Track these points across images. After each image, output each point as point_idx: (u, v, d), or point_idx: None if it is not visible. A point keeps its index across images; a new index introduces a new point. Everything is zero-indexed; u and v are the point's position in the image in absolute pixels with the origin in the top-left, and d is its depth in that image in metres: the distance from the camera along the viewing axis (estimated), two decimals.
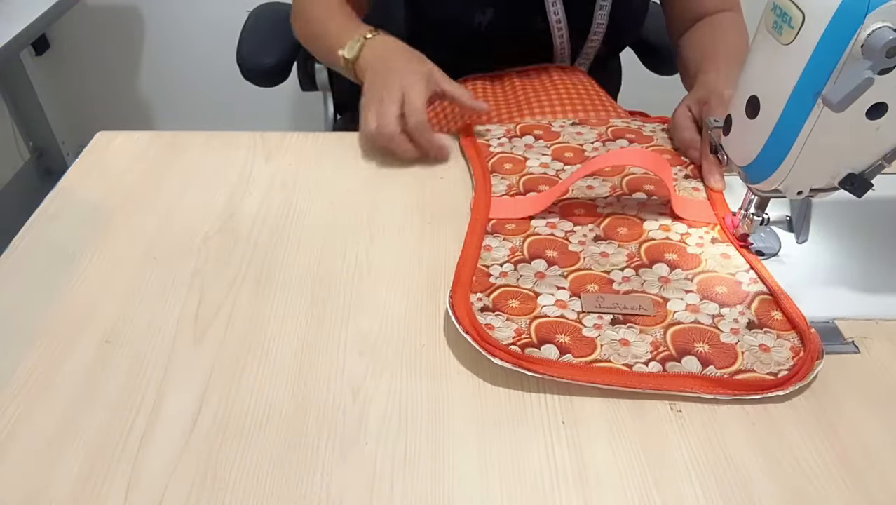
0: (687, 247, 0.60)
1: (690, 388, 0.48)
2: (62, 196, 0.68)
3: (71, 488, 0.43)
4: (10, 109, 1.79)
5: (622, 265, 0.58)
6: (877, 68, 0.43)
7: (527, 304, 0.54)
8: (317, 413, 0.47)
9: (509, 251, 0.60)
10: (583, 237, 0.62)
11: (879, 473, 0.44)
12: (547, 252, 0.60)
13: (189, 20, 1.79)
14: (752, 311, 0.54)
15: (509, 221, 0.64)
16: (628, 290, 0.56)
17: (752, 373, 0.49)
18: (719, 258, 0.59)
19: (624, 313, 0.53)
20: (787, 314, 0.53)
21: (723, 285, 0.56)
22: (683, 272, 0.57)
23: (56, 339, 0.53)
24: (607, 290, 0.56)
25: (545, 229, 0.63)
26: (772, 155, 0.51)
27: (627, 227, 0.63)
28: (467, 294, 0.55)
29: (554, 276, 0.57)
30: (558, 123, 0.77)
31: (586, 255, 0.60)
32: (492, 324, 0.52)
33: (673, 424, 0.47)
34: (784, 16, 0.46)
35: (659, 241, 0.61)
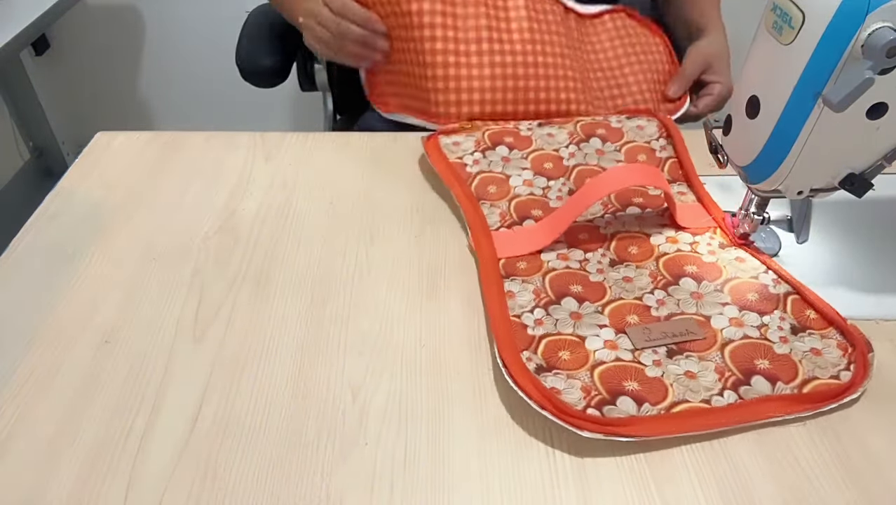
0: (701, 256, 0.59)
1: (774, 413, 0.46)
2: (62, 196, 0.68)
3: (71, 488, 0.43)
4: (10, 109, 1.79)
5: (650, 287, 0.56)
6: (877, 68, 0.43)
7: (578, 352, 0.50)
8: (317, 413, 0.47)
9: (533, 294, 0.55)
10: (599, 264, 0.59)
11: (879, 473, 0.44)
12: (572, 288, 0.56)
13: (189, 20, 1.79)
14: (789, 314, 0.53)
15: (519, 259, 0.59)
16: (668, 314, 0.54)
17: (817, 381, 0.48)
18: (736, 263, 0.58)
19: (675, 342, 0.51)
20: (821, 311, 0.53)
21: (753, 291, 0.55)
22: (711, 284, 0.56)
23: (56, 339, 0.53)
24: (648, 318, 0.53)
25: (558, 262, 0.59)
26: (772, 155, 0.51)
27: (637, 245, 0.60)
28: (518, 355, 0.49)
29: (590, 313, 0.54)
30: (525, 126, 0.74)
31: (610, 283, 0.57)
32: (557, 387, 0.47)
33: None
34: (784, 16, 0.46)
35: (673, 255, 0.59)
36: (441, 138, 0.73)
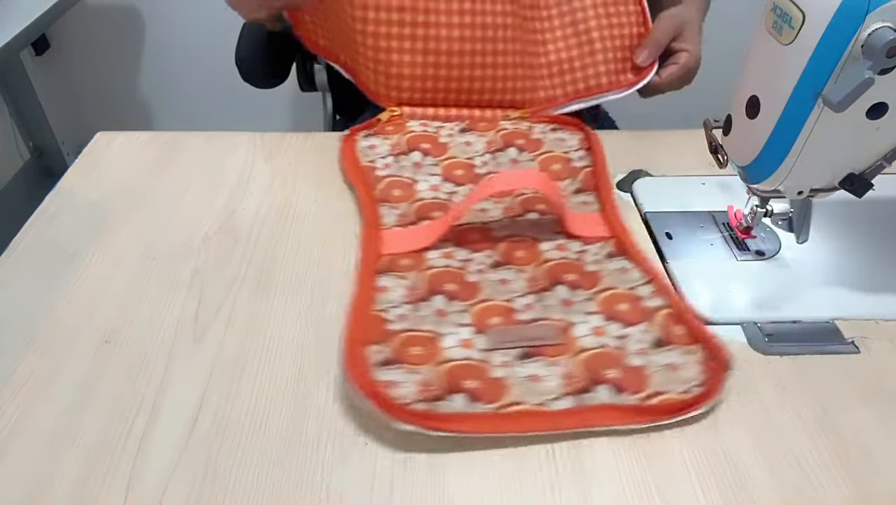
0: (585, 265, 0.58)
1: (607, 421, 0.46)
2: (62, 196, 0.68)
3: (71, 488, 0.43)
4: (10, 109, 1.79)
5: (523, 291, 0.56)
6: (877, 68, 0.43)
7: (430, 348, 0.50)
8: (317, 413, 0.47)
9: (406, 290, 0.56)
10: (481, 265, 0.59)
11: (879, 473, 0.44)
12: (446, 286, 0.56)
13: (189, 20, 1.79)
14: (655, 327, 0.52)
15: (404, 256, 0.59)
16: (531, 318, 0.53)
17: (665, 395, 0.47)
18: (618, 274, 0.57)
19: (530, 345, 0.51)
20: (690, 327, 0.51)
21: (625, 302, 0.54)
22: (584, 292, 0.55)
23: (56, 338, 0.53)
24: (511, 321, 0.53)
25: (441, 260, 0.59)
26: (772, 155, 0.51)
27: (524, 249, 0.60)
28: (362, 348, 0.49)
29: (455, 312, 0.54)
30: (446, 132, 0.74)
31: (486, 284, 0.57)
32: (395, 380, 0.47)
33: (673, 424, 0.47)
34: (784, 16, 0.46)
35: (557, 262, 0.59)
36: (359, 140, 0.73)
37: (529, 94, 0.78)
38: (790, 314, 0.55)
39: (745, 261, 0.60)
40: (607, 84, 0.79)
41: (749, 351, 0.52)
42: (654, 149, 0.75)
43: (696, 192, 0.68)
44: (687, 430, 0.47)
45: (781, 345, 0.53)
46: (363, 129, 0.74)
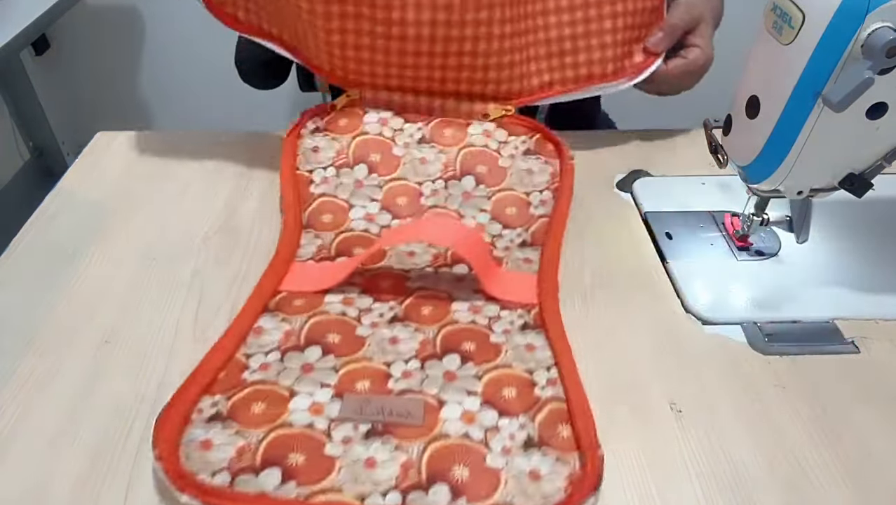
0: (491, 334, 0.51)
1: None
2: (62, 196, 0.68)
3: (71, 488, 0.43)
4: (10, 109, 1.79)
5: (409, 355, 0.50)
6: (877, 68, 0.43)
7: (274, 408, 0.45)
8: None
9: (283, 335, 0.51)
10: (378, 318, 0.52)
11: (879, 473, 0.44)
12: (328, 337, 0.51)
13: (189, 20, 1.79)
14: (535, 423, 0.45)
15: (300, 296, 0.54)
16: (404, 389, 0.47)
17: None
18: (522, 350, 0.50)
19: (387, 422, 0.45)
20: (578, 432, 0.44)
21: (513, 387, 0.47)
22: (475, 367, 0.49)
23: (56, 338, 0.53)
24: (379, 388, 0.47)
25: (338, 307, 0.53)
26: (772, 155, 0.51)
27: (434, 305, 0.54)
28: (194, 399, 0.45)
29: (324, 369, 0.48)
30: (404, 138, 0.65)
31: (373, 341, 0.51)
32: (211, 440, 0.43)
33: (673, 424, 0.47)
34: (784, 16, 0.46)
35: (462, 326, 0.52)
36: (304, 137, 0.66)
37: (518, 84, 0.68)
38: (790, 314, 0.55)
39: (745, 261, 0.60)
40: (612, 72, 0.69)
41: (749, 351, 0.52)
42: (654, 149, 0.75)
43: (696, 192, 0.68)
44: (687, 430, 0.47)
45: (781, 345, 0.53)
46: (315, 115, 0.68)
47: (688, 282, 0.58)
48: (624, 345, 0.53)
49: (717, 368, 0.51)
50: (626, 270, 0.60)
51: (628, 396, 0.49)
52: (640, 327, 0.54)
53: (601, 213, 0.66)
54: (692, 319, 0.55)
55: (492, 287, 0.55)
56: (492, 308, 0.54)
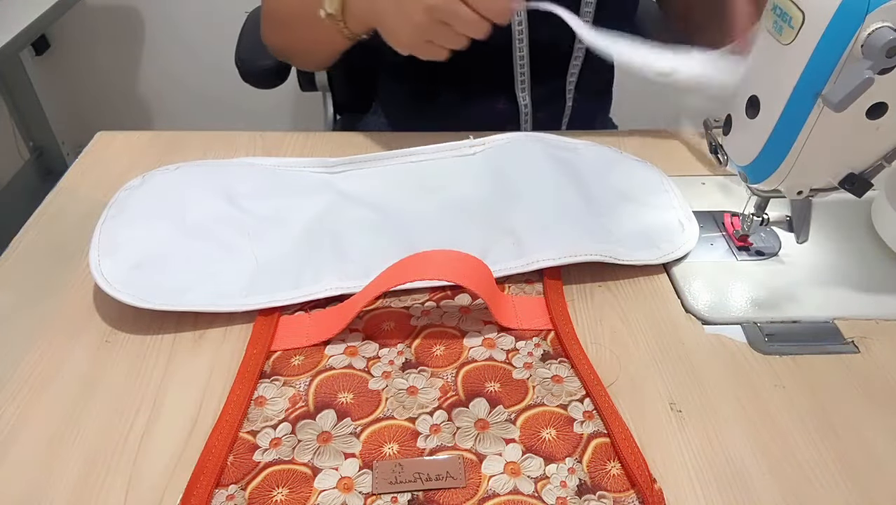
0: (513, 370, 0.48)
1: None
2: (62, 196, 0.68)
3: (71, 488, 0.43)
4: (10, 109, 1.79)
5: (433, 406, 0.46)
6: (877, 68, 0.43)
7: (300, 491, 0.41)
8: None
9: (289, 402, 0.46)
10: (388, 365, 0.48)
11: (879, 473, 0.44)
12: (339, 396, 0.46)
13: (189, 20, 1.79)
14: (584, 465, 0.42)
15: (297, 352, 0.50)
16: (436, 446, 0.43)
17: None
18: (550, 384, 0.47)
19: (426, 489, 0.41)
20: (627, 466, 0.42)
21: (552, 427, 0.44)
22: (505, 410, 0.46)
23: (56, 338, 0.53)
24: (409, 450, 0.43)
25: (342, 359, 0.49)
26: (772, 155, 0.51)
27: (445, 345, 0.50)
28: (207, 495, 0.40)
29: (343, 435, 0.44)
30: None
31: (390, 393, 0.47)
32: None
33: (673, 424, 0.47)
34: (784, 16, 0.46)
35: (481, 364, 0.49)
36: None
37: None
38: (790, 314, 0.55)
39: (745, 261, 0.60)
40: None
41: (749, 351, 0.52)
42: (655, 149, 0.75)
43: (696, 192, 0.68)
44: (687, 430, 0.47)
45: (781, 345, 0.53)
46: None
47: (688, 282, 0.58)
48: (624, 345, 0.53)
49: (717, 368, 0.51)
50: (627, 270, 0.59)
51: (628, 395, 0.49)
52: (640, 327, 0.54)
53: None
54: (692, 319, 0.55)
55: (502, 316, 0.52)
56: (506, 340, 0.51)
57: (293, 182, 0.64)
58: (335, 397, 0.47)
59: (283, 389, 0.47)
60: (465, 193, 0.63)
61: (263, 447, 0.44)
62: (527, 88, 0.84)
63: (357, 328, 0.52)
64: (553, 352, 0.50)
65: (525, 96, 0.84)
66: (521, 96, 0.84)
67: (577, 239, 0.57)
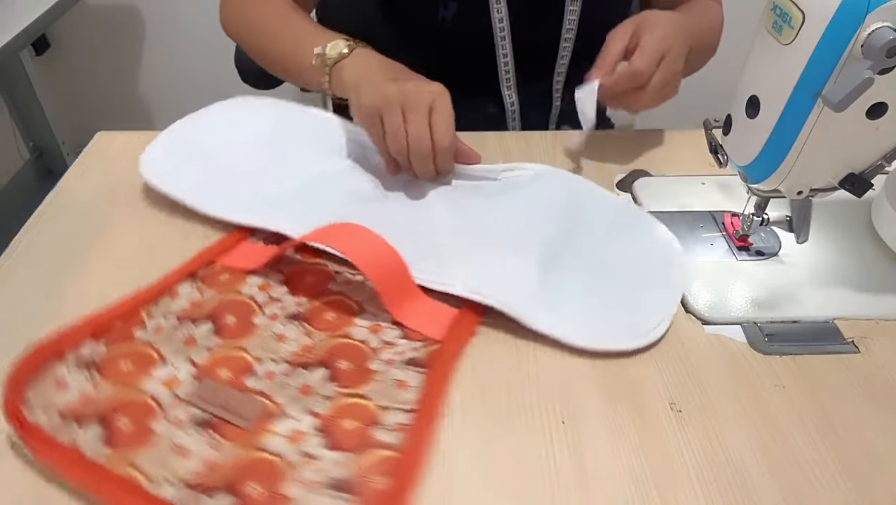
0: (373, 360, 0.49)
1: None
2: (62, 196, 0.68)
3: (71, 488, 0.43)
4: (10, 109, 1.80)
5: (283, 357, 0.48)
6: (877, 68, 0.43)
7: (138, 369, 0.46)
8: None
9: (190, 305, 0.51)
10: (280, 310, 0.52)
11: (879, 473, 0.44)
12: (226, 317, 0.50)
13: (189, 20, 1.79)
14: (357, 464, 0.42)
15: (229, 271, 0.55)
16: (259, 389, 0.46)
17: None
18: (393, 385, 0.47)
19: (219, 416, 0.44)
20: (393, 486, 0.41)
21: (357, 420, 0.45)
22: (336, 389, 0.47)
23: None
24: (236, 381, 0.46)
25: (252, 290, 0.53)
26: (772, 155, 0.51)
27: (338, 314, 0.52)
28: (78, 338, 0.47)
29: (202, 346, 0.48)
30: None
31: (263, 332, 0.50)
32: (66, 380, 0.45)
33: (673, 424, 0.47)
34: (784, 16, 0.46)
35: (350, 343, 0.50)
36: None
37: None
38: (790, 314, 0.56)
39: (745, 261, 0.60)
40: None
41: (749, 351, 0.52)
42: (654, 149, 0.75)
43: (696, 192, 0.68)
44: (687, 430, 0.47)
45: (781, 345, 0.53)
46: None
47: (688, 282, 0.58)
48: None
49: (717, 368, 0.51)
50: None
51: (628, 396, 0.49)
52: None
53: None
54: (692, 319, 0.55)
55: (401, 312, 0.52)
56: (392, 333, 0.51)
57: (333, 140, 0.72)
58: (222, 316, 0.51)
59: (194, 293, 0.53)
60: (457, 210, 0.63)
61: (148, 329, 0.49)
62: (513, 87, 0.84)
63: (284, 272, 0.56)
64: (421, 360, 0.49)
65: (511, 94, 0.84)
66: (506, 94, 0.84)
67: (517, 288, 0.53)
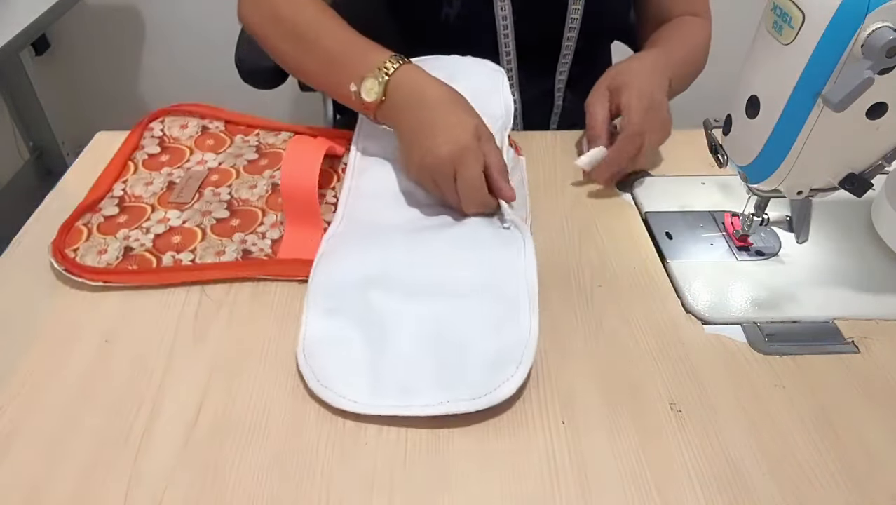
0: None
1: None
2: (62, 196, 0.68)
3: (71, 488, 0.43)
4: (10, 109, 1.79)
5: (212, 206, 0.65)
6: (877, 68, 0.43)
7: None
8: (317, 413, 0.47)
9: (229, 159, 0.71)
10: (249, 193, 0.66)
11: (879, 473, 0.44)
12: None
13: (189, 20, 1.79)
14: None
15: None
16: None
17: None
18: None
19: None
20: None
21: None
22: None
23: (56, 339, 0.53)
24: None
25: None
26: (772, 155, 0.51)
27: (243, 220, 0.64)
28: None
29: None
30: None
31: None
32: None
33: (673, 424, 0.47)
34: (784, 16, 0.46)
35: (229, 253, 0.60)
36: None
37: None
38: (790, 314, 0.56)
39: (745, 261, 0.60)
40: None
41: (749, 351, 0.52)
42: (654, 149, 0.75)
43: (696, 192, 0.68)
44: (687, 430, 0.47)
45: (781, 345, 0.53)
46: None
47: (688, 282, 0.58)
48: (624, 345, 0.53)
49: (717, 368, 0.51)
50: (627, 270, 0.60)
51: (628, 396, 0.49)
52: (640, 327, 0.54)
53: (601, 213, 0.66)
54: (692, 319, 0.55)
55: (288, 244, 0.61)
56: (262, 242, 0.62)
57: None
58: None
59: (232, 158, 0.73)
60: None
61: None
62: (515, 86, 0.84)
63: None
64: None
65: (514, 93, 0.84)
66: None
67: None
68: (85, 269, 0.57)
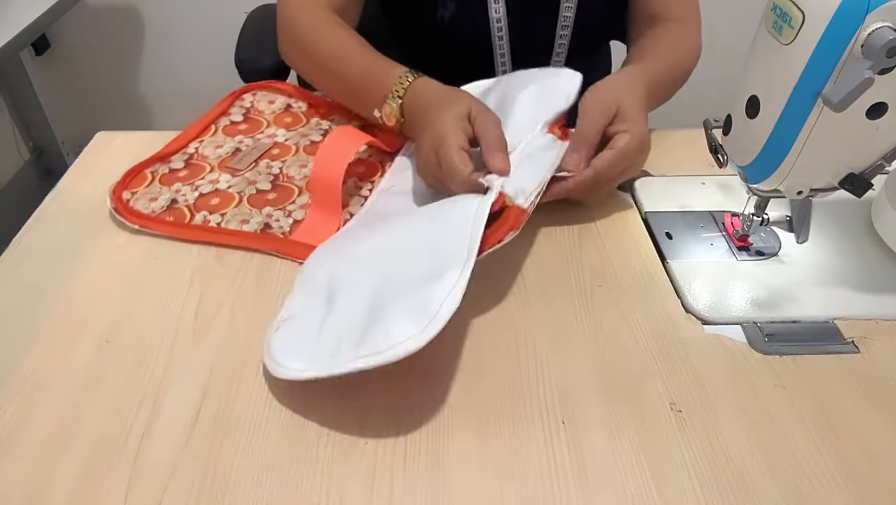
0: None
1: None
2: (62, 196, 0.68)
3: (71, 488, 0.43)
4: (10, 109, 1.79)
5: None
6: (877, 68, 0.43)
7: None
8: (316, 413, 0.47)
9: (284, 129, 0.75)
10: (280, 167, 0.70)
11: (879, 473, 0.44)
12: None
13: (189, 20, 1.79)
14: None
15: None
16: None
17: None
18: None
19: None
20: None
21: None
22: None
23: (56, 339, 0.53)
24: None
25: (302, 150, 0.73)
26: (772, 155, 0.51)
27: (280, 194, 0.67)
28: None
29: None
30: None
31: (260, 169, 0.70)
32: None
33: (673, 424, 0.47)
34: (784, 16, 0.46)
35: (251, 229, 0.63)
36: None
37: None
38: (790, 314, 0.56)
39: (745, 261, 0.60)
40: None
41: (749, 351, 0.52)
42: (654, 149, 0.74)
43: (696, 192, 0.68)
44: (687, 430, 0.47)
45: (781, 345, 0.53)
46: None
47: (688, 282, 0.58)
48: (624, 345, 0.53)
49: (717, 368, 0.51)
50: (627, 270, 0.60)
51: (628, 396, 0.49)
52: (640, 327, 0.54)
53: (601, 213, 0.66)
54: (692, 318, 0.55)
55: (304, 228, 0.63)
56: (282, 220, 0.64)
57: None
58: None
59: (285, 133, 0.76)
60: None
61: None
62: None
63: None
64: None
65: None
66: None
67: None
68: (131, 211, 0.63)
